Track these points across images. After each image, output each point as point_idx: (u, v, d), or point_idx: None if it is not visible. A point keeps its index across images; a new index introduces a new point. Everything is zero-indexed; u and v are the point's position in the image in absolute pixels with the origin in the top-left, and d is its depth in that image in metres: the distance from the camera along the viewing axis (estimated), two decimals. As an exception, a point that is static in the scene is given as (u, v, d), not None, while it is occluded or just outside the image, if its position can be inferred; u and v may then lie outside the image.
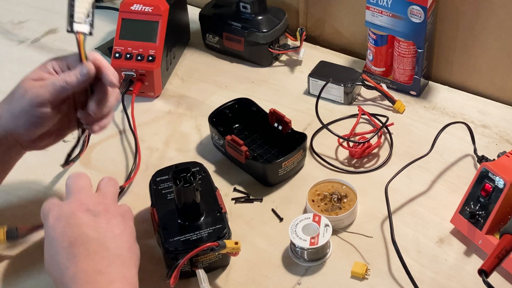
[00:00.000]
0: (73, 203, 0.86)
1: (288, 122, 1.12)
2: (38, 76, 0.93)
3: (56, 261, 0.82)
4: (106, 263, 0.82)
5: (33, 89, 0.91)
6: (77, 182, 0.90)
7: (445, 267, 0.97)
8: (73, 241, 0.82)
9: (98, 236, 0.83)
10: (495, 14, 1.16)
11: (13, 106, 0.92)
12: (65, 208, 0.86)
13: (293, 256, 0.98)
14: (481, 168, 0.97)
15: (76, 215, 0.84)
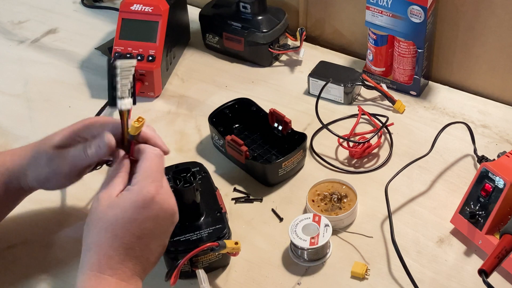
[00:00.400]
0: (172, 198, 0.85)
1: (288, 122, 1.12)
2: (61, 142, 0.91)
3: (116, 234, 0.80)
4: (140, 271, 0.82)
5: (56, 160, 0.91)
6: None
7: (445, 267, 0.97)
8: (143, 235, 0.81)
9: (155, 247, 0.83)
10: (495, 14, 1.16)
11: (38, 172, 0.92)
12: (165, 197, 0.83)
13: (293, 256, 0.98)
14: (481, 168, 0.97)
15: (168, 214, 0.84)
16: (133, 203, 0.81)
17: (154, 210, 0.82)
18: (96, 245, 0.81)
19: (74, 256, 1.00)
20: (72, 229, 1.04)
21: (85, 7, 1.52)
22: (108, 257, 0.80)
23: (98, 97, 1.26)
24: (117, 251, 0.80)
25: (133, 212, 0.81)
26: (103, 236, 0.81)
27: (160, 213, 0.83)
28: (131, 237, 0.81)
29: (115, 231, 0.81)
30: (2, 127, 1.23)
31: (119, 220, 0.81)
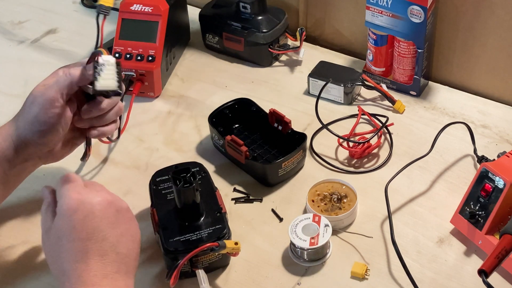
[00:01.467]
0: (100, 192, 0.85)
1: (288, 122, 1.12)
2: (46, 82, 0.95)
3: (66, 248, 0.81)
4: (114, 268, 0.82)
5: (40, 92, 0.93)
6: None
7: (445, 267, 0.97)
8: (91, 235, 0.82)
9: (115, 238, 0.83)
10: (495, 14, 1.16)
11: (26, 115, 0.94)
12: (91, 196, 0.84)
13: (293, 256, 0.98)
14: (481, 168, 0.97)
15: (102, 207, 0.83)
16: (62, 217, 0.82)
17: (85, 209, 0.82)
18: (61, 270, 0.81)
19: (74, 256, 1.00)
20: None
21: (85, 7, 1.52)
22: (73, 270, 0.80)
23: (98, 97, 1.26)
24: (76, 262, 0.80)
25: (67, 222, 0.82)
26: (61, 260, 0.81)
27: (93, 208, 0.83)
28: (80, 242, 0.81)
29: (65, 247, 0.81)
30: (2, 127, 1.23)
31: (61, 237, 0.82)
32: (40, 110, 0.93)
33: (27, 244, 1.02)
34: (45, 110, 0.93)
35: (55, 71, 0.97)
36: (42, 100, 0.93)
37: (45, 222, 0.86)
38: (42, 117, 0.93)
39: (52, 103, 0.93)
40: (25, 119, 0.94)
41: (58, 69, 0.97)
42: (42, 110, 0.93)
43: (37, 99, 0.93)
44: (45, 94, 0.93)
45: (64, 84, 0.93)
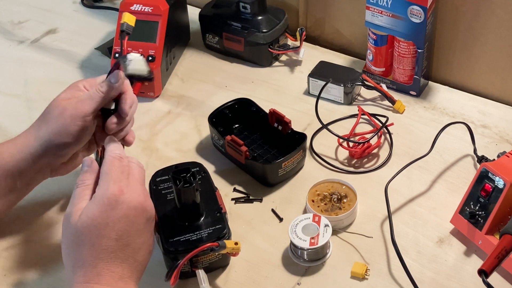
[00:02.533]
0: (139, 194, 0.85)
1: (288, 122, 1.12)
2: (71, 95, 0.96)
3: (93, 242, 0.81)
4: (129, 273, 0.82)
5: (72, 105, 0.94)
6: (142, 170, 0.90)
7: (445, 267, 0.97)
8: (119, 237, 0.82)
9: (137, 245, 0.83)
10: (495, 14, 1.16)
11: (53, 124, 0.95)
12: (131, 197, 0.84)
13: (293, 256, 0.98)
14: (481, 168, 0.97)
15: (137, 212, 0.84)
16: (100, 208, 0.82)
17: (122, 210, 0.83)
18: (79, 260, 0.81)
19: (74, 256, 1.00)
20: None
21: (85, 7, 1.52)
22: (93, 266, 0.80)
23: (98, 97, 1.26)
24: (99, 259, 0.81)
25: (102, 216, 0.82)
26: (82, 250, 0.81)
27: (129, 212, 0.83)
28: (108, 241, 0.81)
29: (92, 240, 0.81)
30: (2, 127, 1.23)
31: (91, 228, 0.81)
32: (71, 122, 0.93)
33: (27, 244, 1.02)
34: (75, 123, 0.94)
35: (74, 83, 0.98)
36: (74, 112, 0.94)
37: (79, 200, 0.84)
38: (72, 129, 0.94)
39: (84, 117, 0.94)
40: (51, 129, 0.94)
41: (79, 81, 0.98)
42: (72, 122, 0.93)
43: (68, 111, 0.94)
44: (78, 107, 0.94)
45: (97, 100, 0.94)
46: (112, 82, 0.94)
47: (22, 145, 0.96)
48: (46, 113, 0.96)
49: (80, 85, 0.98)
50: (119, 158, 0.87)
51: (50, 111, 0.96)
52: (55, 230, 1.03)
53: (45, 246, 1.02)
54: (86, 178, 0.87)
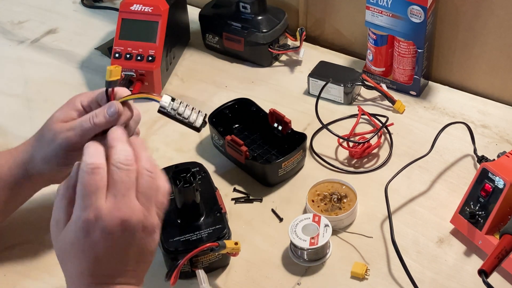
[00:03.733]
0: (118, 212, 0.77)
1: (288, 122, 1.12)
2: (65, 116, 0.92)
3: (75, 265, 0.78)
4: (125, 280, 0.79)
5: (62, 133, 0.91)
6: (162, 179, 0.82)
7: (445, 267, 0.97)
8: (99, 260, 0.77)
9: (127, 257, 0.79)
10: (495, 14, 1.16)
11: (44, 151, 0.93)
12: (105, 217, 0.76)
13: (293, 256, 0.98)
14: (481, 168, 0.97)
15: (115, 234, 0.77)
16: (74, 234, 0.77)
17: (97, 236, 0.76)
18: (66, 273, 0.80)
19: (74, 256, 1.00)
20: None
21: (85, 7, 1.52)
22: (79, 282, 0.78)
23: (98, 97, 1.26)
24: (84, 275, 0.78)
25: (78, 243, 0.77)
26: (67, 264, 0.79)
27: (105, 236, 0.76)
28: (89, 264, 0.77)
29: (74, 259, 0.78)
30: (2, 127, 1.23)
31: (71, 252, 0.78)
32: (60, 151, 0.91)
33: (27, 244, 1.02)
34: (66, 152, 0.91)
35: (71, 100, 0.94)
36: (63, 142, 0.91)
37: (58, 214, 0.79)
38: (62, 156, 0.92)
39: (75, 146, 0.90)
40: (43, 154, 0.93)
41: (77, 97, 0.93)
42: (62, 151, 0.91)
43: (58, 139, 0.91)
44: (68, 138, 0.90)
45: (88, 133, 0.89)
46: (108, 114, 0.87)
47: (19, 158, 0.95)
48: (41, 135, 0.94)
49: (77, 102, 0.93)
50: (91, 171, 0.77)
51: (44, 134, 0.93)
52: (55, 230, 1.03)
53: (45, 246, 1.01)
54: (62, 187, 0.80)
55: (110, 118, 0.86)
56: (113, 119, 0.86)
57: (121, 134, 0.83)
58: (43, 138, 0.93)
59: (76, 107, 0.92)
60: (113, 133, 0.83)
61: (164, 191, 0.81)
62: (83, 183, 0.76)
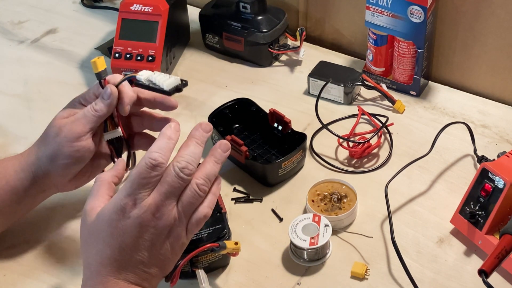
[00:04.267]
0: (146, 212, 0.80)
1: (288, 122, 1.12)
2: (68, 114, 0.95)
3: (99, 249, 0.80)
4: (139, 281, 0.81)
5: (66, 126, 0.93)
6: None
7: (445, 267, 0.97)
8: (122, 249, 0.79)
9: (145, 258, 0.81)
10: (495, 14, 1.16)
11: (50, 147, 0.94)
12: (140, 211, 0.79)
13: (293, 256, 0.98)
14: (481, 168, 0.97)
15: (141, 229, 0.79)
16: (109, 216, 0.80)
17: (128, 224, 0.79)
18: (87, 261, 0.81)
19: (74, 256, 1.00)
20: (73, 230, 1.04)
21: (85, 7, 1.52)
22: (97, 272, 0.80)
23: (98, 97, 1.26)
24: (102, 265, 0.79)
25: (110, 225, 0.79)
26: (90, 252, 0.81)
27: (133, 228, 0.79)
28: (111, 250, 0.79)
29: (98, 246, 0.80)
30: (2, 127, 1.23)
31: (100, 233, 0.80)
32: (66, 143, 0.92)
33: (27, 244, 1.02)
34: (70, 144, 0.92)
35: (72, 100, 0.97)
36: (68, 133, 0.92)
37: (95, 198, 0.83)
38: (67, 151, 0.92)
39: (79, 138, 0.92)
40: (48, 152, 0.94)
41: (76, 98, 0.97)
42: (67, 143, 0.92)
43: (62, 133, 0.92)
44: (72, 128, 0.92)
45: (91, 120, 0.93)
46: (104, 99, 0.92)
47: (25, 163, 0.95)
48: (45, 134, 0.95)
49: (77, 102, 0.96)
50: (152, 167, 0.80)
51: (48, 132, 0.95)
52: (55, 230, 1.03)
53: (45, 246, 1.01)
54: (106, 175, 0.85)
55: (107, 101, 0.91)
56: (110, 101, 0.91)
57: (202, 136, 0.86)
58: (48, 136, 0.94)
59: (77, 106, 0.96)
60: (197, 131, 0.86)
61: (200, 215, 0.83)
62: (139, 172, 0.79)
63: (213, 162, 0.85)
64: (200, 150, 0.84)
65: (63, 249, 1.01)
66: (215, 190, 0.85)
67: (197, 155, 0.83)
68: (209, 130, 0.87)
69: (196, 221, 0.83)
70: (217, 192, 0.85)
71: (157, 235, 0.80)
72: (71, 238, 1.02)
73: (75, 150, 0.93)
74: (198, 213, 0.82)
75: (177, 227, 0.81)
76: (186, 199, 0.81)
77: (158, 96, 0.95)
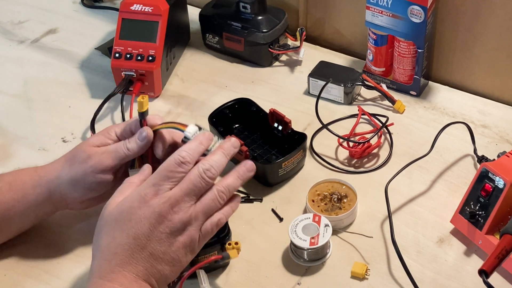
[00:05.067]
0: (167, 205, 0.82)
1: (288, 122, 1.12)
2: (100, 142, 0.96)
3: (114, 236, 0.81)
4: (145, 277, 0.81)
5: (96, 155, 0.94)
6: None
7: (445, 267, 0.97)
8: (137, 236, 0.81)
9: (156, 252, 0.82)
10: (495, 14, 1.16)
11: (74, 171, 0.94)
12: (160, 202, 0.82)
13: (293, 256, 0.98)
14: (481, 168, 0.97)
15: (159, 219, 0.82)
16: (130, 204, 0.82)
17: (147, 212, 0.81)
18: (98, 250, 0.82)
19: (74, 256, 1.00)
20: (73, 230, 1.04)
21: (85, 7, 1.52)
22: (108, 261, 0.80)
23: (98, 97, 1.26)
24: (114, 254, 0.80)
25: (129, 211, 0.82)
26: (103, 241, 0.82)
27: (151, 216, 0.81)
28: (126, 238, 0.81)
29: (114, 233, 0.81)
30: (2, 127, 1.23)
31: (117, 220, 0.82)
32: (91, 173, 0.93)
33: (27, 244, 1.01)
34: (95, 175, 0.93)
35: (107, 128, 0.97)
36: (96, 164, 0.93)
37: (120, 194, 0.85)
38: (90, 180, 0.94)
39: (105, 171, 0.93)
40: (71, 175, 0.94)
41: (112, 127, 0.97)
42: (92, 173, 0.93)
43: (91, 161, 0.93)
44: (101, 160, 0.93)
45: (121, 157, 0.93)
46: (139, 140, 0.93)
47: (45, 179, 0.96)
48: (73, 156, 0.96)
49: (112, 132, 0.97)
50: (179, 163, 0.83)
51: (76, 155, 0.95)
52: (55, 230, 1.03)
53: (45, 246, 1.01)
54: (134, 178, 0.87)
55: (141, 143, 0.93)
56: (143, 144, 0.93)
57: (229, 149, 0.88)
58: (75, 159, 0.95)
59: (111, 136, 0.96)
60: (226, 143, 0.89)
61: (215, 219, 0.85)
62: (167, 166, 0.83)
63: (236, 176, 0.88)
64: (225, 160, 0.87)
65: (63, 249, 1.01)
66: (233, 205, 0.88)
67: (222, 163, 0.86)
68: (237, 146, 0.90)
69: (210, 224, 0.85)
70: (234, 208, 0.88)
71: (172, 228, 0.82)
72: (72, 238, 1.02)
73: (98, 181, 0.94)
74: (213, 217, 0.85)
75: (191, 226, 0.83)
76: (205, 201, 0.84)
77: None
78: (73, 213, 1.05)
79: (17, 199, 0.95)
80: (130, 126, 0.96)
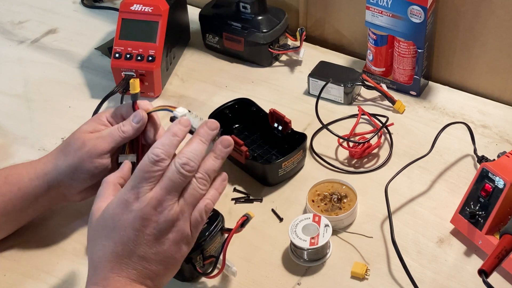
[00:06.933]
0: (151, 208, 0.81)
1: (288, 122, 1.12)
2: (93, 129, 0.96)
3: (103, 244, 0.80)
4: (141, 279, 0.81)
5: (91, 141, 0.94)
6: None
7: (445, 267, 0.97)
8: (125, 243, 0.80)
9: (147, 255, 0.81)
10: (495, 14, 1.16)
11: (71, 158, 0.94)
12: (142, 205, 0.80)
13: (293, 256, 0.98)
14: (481, 168, 0.97)
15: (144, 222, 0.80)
16: (113, 210, 0.81)
17: (130, 218, 0.80)
18: (91, 258, 0.82)
19: (74, 256, 1.00)
20: (72, 230, 1.04)
21: (85, 7, 1.52)
22: (100, 268, 0.80)
23: (98, 97, 1.26)
24: (106, 261, 0.80)
25: (113, 219, 0.81)
26: (94, 249, 0.81)
27: (135, 221, 0.80)
28: (114, 245, 0.80)
29: (102, 241, 0.81)
30: (2, 127, 1.23)
31: (104, 229, 0.81)
32: (87, 158, 0.93)
33: (27, 244, 1.01)
34: (92, 160, 0.93)
35: (97, 115, 0.98)
36: (92, 149, 0.93)
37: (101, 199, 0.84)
38: (87, 166, 0.94)
39: (101, 155, 0.94)
40: (68, 163, 0.94)
41: (103, 113, 0.98)
42: (89, 159, 0.93)
43: (86, 147, 0.93)
44: (96, 144, 0.93)
45: (117, 140, 0.94)
46: (134, 122, 0.93)
47: (41, 171, 0.96)
48: (67, 144, 0.96)
49: (103, 118, 0.97)
50: (154, 162, 0.81)
51: (70, 143, 0.95)
52: (55, 230, 1.03)
53: (45, 246, 1.02)
54: (111, 177, 0.86)
55: (136, 125, 0.93)
56: (138, 126, 0.93)
57: (206, 133, 0.85)
58: (70, 148, 0.95)
59: (102, 122, 0.97)
60: (201, 128, 0.86)
61: (201, 206, 0.83)
62: (142, 167, 0.81)
63: (213, 157, 0.85)
64: (204, 147, 0.84)
65: (63, 249, 1.01)
66: (218, 186, 0.85)
67: (200, 152, 0.83)
68: (215, 128, 0.87)
69: (199, 213, 0.83)
70: (221, 189, 0.86)
71: (159, 230, 0.81)
72: (71, 238, 1.02)
73: (95, 166, 0.94)
74: (200, 204, 0.83)
75: (179, 222, 0.82)
76: (187, 193, 0.82)
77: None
78: (72, 213, 1.05)
79: (13, 192, 0.95)
80: (120, 110, 0.96)
